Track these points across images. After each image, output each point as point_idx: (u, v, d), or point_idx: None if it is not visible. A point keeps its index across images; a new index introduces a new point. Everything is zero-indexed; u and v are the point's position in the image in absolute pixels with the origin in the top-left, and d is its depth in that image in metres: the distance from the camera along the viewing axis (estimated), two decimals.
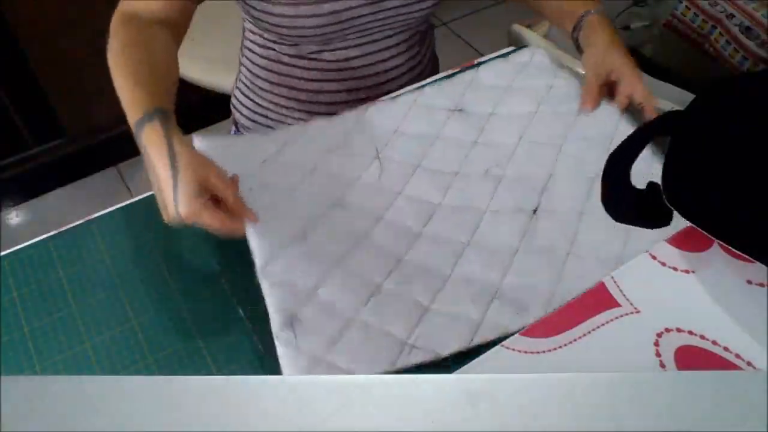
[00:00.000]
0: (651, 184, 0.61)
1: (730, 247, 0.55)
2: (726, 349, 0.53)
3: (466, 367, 0.53)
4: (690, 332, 0.54)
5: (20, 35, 1.48)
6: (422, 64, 0.91)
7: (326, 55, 0.83)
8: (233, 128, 0.99)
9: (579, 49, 0.80)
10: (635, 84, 0.71)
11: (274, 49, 0.84)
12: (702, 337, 0.54)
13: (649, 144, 0.66)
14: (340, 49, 0.82)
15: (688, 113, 0.65)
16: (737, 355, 0.52)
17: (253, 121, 0.91)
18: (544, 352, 0.54)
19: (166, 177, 0.57)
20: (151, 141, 0.58)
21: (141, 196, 0.71)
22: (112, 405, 0.29)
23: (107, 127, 1.73)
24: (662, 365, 0.52)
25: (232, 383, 0.33)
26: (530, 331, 0.55)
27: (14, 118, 1.65)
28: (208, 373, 0.57)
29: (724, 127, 0.63)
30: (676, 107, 0.70)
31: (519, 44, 0.99)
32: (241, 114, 0.93)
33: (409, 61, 0.88)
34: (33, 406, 0.29)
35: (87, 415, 0.29)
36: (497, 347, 0.54)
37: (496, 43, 0.96)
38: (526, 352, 0.54)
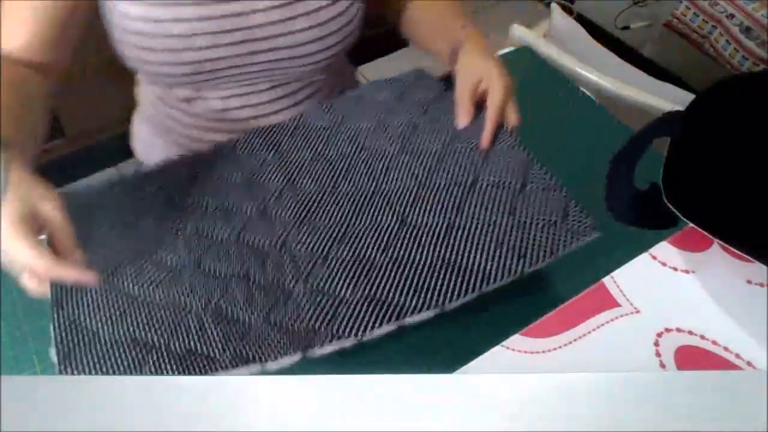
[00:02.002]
0: (653, 185, 0.62)
1: (730, 247, 0.55)
2: (726, 349, 0.53)
3: (466, 367, 0.53)
4: (690, 332, 0.54)
5: None
6: None
7: (199, 103, 0.76)
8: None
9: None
10: (496, 89, 0.66)
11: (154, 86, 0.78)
12: (702, 337, 0.54)
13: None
14: (215, 98, 0.75)
15: (688, 113, 0.65)
16: (737, 355, 0.52)
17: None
18: (544, 352, 0.54)
19: None
20: None
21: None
22: (112, 405, 0.29)
23: (107, 127, 1.73)
24: (662, 365, 0.52)
25: (232, 383, 0.33)
26: (530, 331, 0.55)
27: None
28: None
29: (724, 127, 0.63)
30: (677, 107, 0.70)
31: (519, 44, 0.99)
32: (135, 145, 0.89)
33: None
34: (33, 406, 0.29)
35: (87, 415, 0.29)
36: (497, 347, 0.54)
37: (496, 43, 0.96)
38: (526, 352, 0.54)
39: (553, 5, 1.36)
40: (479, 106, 0.69)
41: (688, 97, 1.20)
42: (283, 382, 0.34)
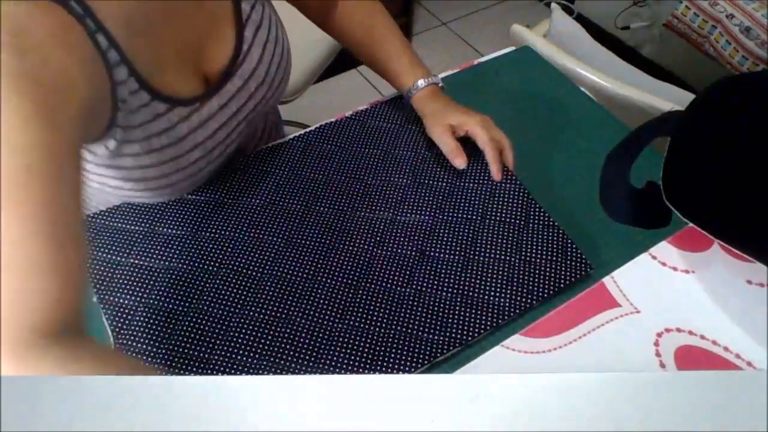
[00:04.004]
0: (650, 184, 0.62)
1: (730, 247, 0.55)
2: (726, 349, 0.53)
3: (466, 367, 0.53)
4: (690, 332, 0.54)
5: None
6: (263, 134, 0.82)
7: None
8: None
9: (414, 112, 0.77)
10: (476, 132, 0.70)
11: None
12: (702, 337, 0.54)
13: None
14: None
15: (688, 113, 0.65)
16: (737, 355, 0.52)
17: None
18: (544, 352, 0.54)
19: None
20: None
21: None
22: (113, 405, 0.29)
23: None
24: (662, 365, 0.52)
25: (233, 383, 0.33)
26: (530, 331, 0.55)
27: None
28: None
29: (724, 127, 0.63)
30: (676, 107, 0.70)
31: (519, 44, 0.99)
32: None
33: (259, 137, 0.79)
34: (33, 406, 0.29)
35: (87, 415, 0.29)
36: (497, 347, 0.54)
37: (496, 43, 0.96)
38: (526, 352, 0.54)
39: (553, 5, 1.36)
40: (467, 140, 0.72)
41: (688, 97, 1.21)
42: (284, 382, 0.34)
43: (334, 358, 0.55)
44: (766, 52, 1.57)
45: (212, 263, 0.63)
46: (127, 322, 0.58)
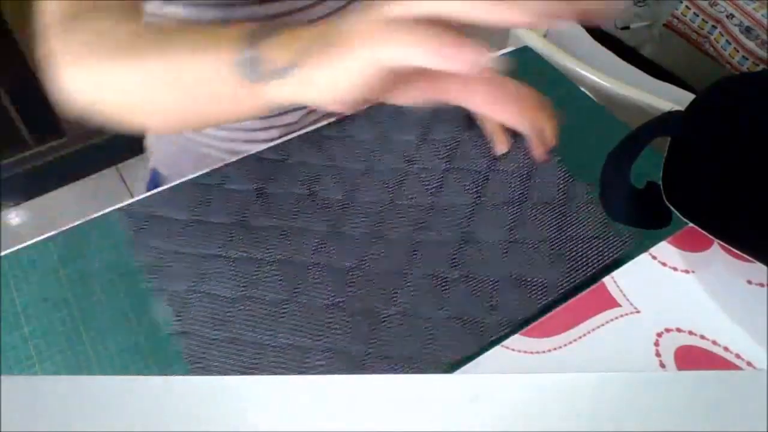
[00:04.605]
0: (650, 184, 0.62)
1: (730, 247, 0.55)
2: (726, 349, 0.53)
3: (466, 367, 0.53)
4: (690, 332, 0.54)
5: (20, 35, 1.48)
6: None
7: None
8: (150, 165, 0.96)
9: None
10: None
11: None
12: (702, 337, 0.54)
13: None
14: None
15: (689, 113, 0.65)
16: (737, 355, 0.52)
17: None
18: (544, 352, 0.54)
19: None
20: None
21: (141, 196, 0.71)
22: (113, 405, 0.29)
23: (107, 127, 1.72)
24: (662, 365, 0.52)
25: (232, 383, 0.33)
26: (530, 331, 0.55)
27: (14, 118, 1.65)
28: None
29: (724, 127, 0.63)
30: (676, 107, 0.70)
31: (519, 44, 0.99)
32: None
33: None
34: (33, 406, 0.29)
35: (87, 415, 0.29)
36: (497, 347, 0.54)
37: (496, 43, 0.96)
38: (526, 352, 0.54)
39: None
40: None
41: (688, 97, 1.21)
42: (284, 381, 0.34)
43: (389, 341, 0.57)
44: (766, 52, 1.57)
45: (261, 250, 0.64)
46: (186, 308, 0.60)
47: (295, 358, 0.56)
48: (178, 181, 0.70)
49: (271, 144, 0.74)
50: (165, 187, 0.70)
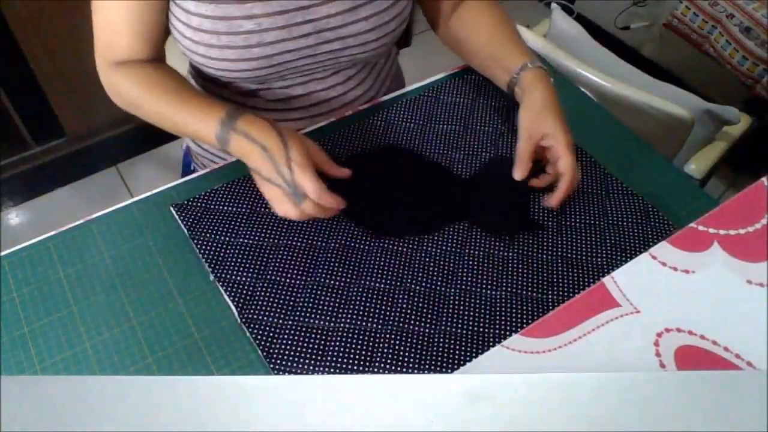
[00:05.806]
0: None
1: (729, 247, 0.55)
2: (726, 349, 0.53)
3: (466, 367, 0.53)
4: (690, 332, 0.54)
5: (20, 35, 1.48)
6: (379, 88, 0.87)
7: (264, 93, 0.78)
8: (185, 148, 0.97)
9: (515, 103, 0.75)
10: (563, 153, 0.67)
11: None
12: (702, 337, 0.54)
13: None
14: (279, 88, 0.78)
15: None
16: (737, 355, 0.52)
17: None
18: (544, 352, 0.54)
19: (279, 147, 0.61)
20: (252, 125, 0.63)
21: (141, 196, 0.71)
22: (112, 405, 0.29)
23: (107, 127, 1.73)
24: (662, 365, 0.52)
25: (232, 383, 0.33)
26: (530, 331, 0.55)
27: (14, 118, 1.65)
28: (208, 373, 0.57)
29: None
30: (676, 107, 0.70)
31: None
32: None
33: (363, 92, 0.83)
34: (33, 406, 0.29)
35: (87, 415, 0.29)
36: (497, 347, 0.54)
37: None
38: (526, 352, 0.54)
39: (553, 5, 1.36)
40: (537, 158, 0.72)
41: (688, 97, 1.21)
42: (284, 382, 0.34)
43: (443, 326, 0.60)
44: (766, 52, 1.57)
45: (319, 238, 0.66)
46: (248, 297, 0.62)
47: (360, 341, 0.59)
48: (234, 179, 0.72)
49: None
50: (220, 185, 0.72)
